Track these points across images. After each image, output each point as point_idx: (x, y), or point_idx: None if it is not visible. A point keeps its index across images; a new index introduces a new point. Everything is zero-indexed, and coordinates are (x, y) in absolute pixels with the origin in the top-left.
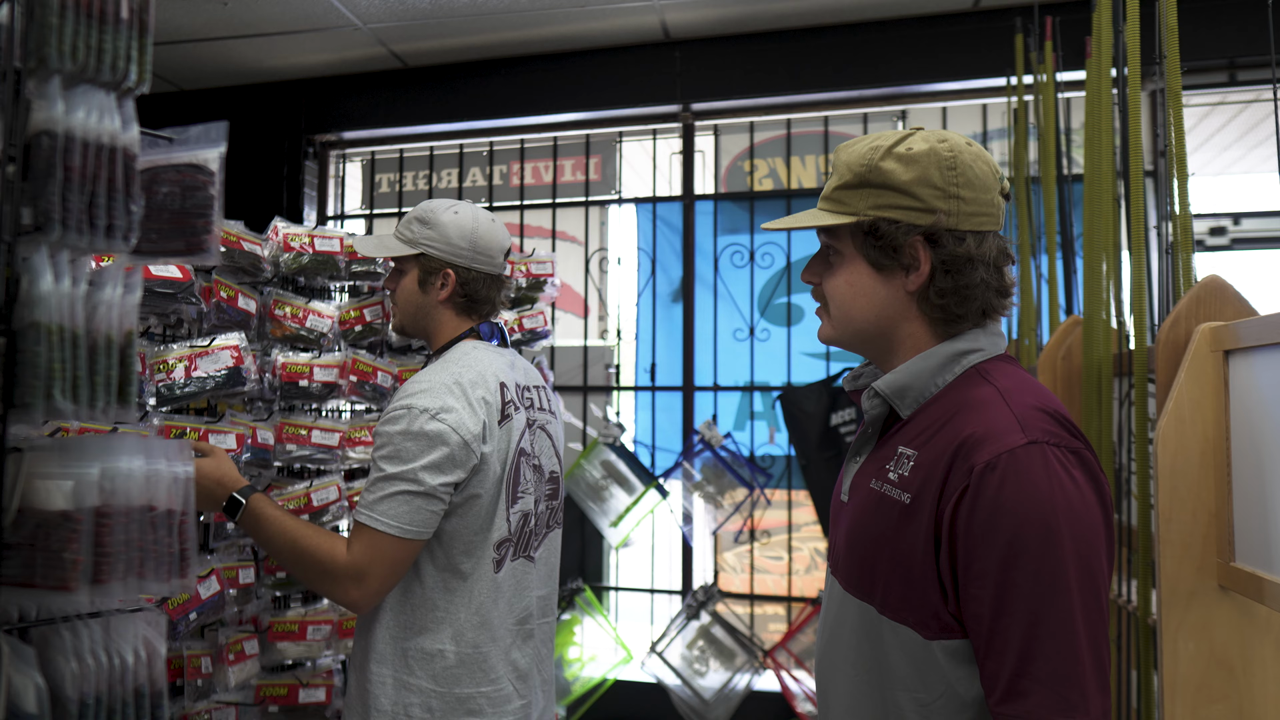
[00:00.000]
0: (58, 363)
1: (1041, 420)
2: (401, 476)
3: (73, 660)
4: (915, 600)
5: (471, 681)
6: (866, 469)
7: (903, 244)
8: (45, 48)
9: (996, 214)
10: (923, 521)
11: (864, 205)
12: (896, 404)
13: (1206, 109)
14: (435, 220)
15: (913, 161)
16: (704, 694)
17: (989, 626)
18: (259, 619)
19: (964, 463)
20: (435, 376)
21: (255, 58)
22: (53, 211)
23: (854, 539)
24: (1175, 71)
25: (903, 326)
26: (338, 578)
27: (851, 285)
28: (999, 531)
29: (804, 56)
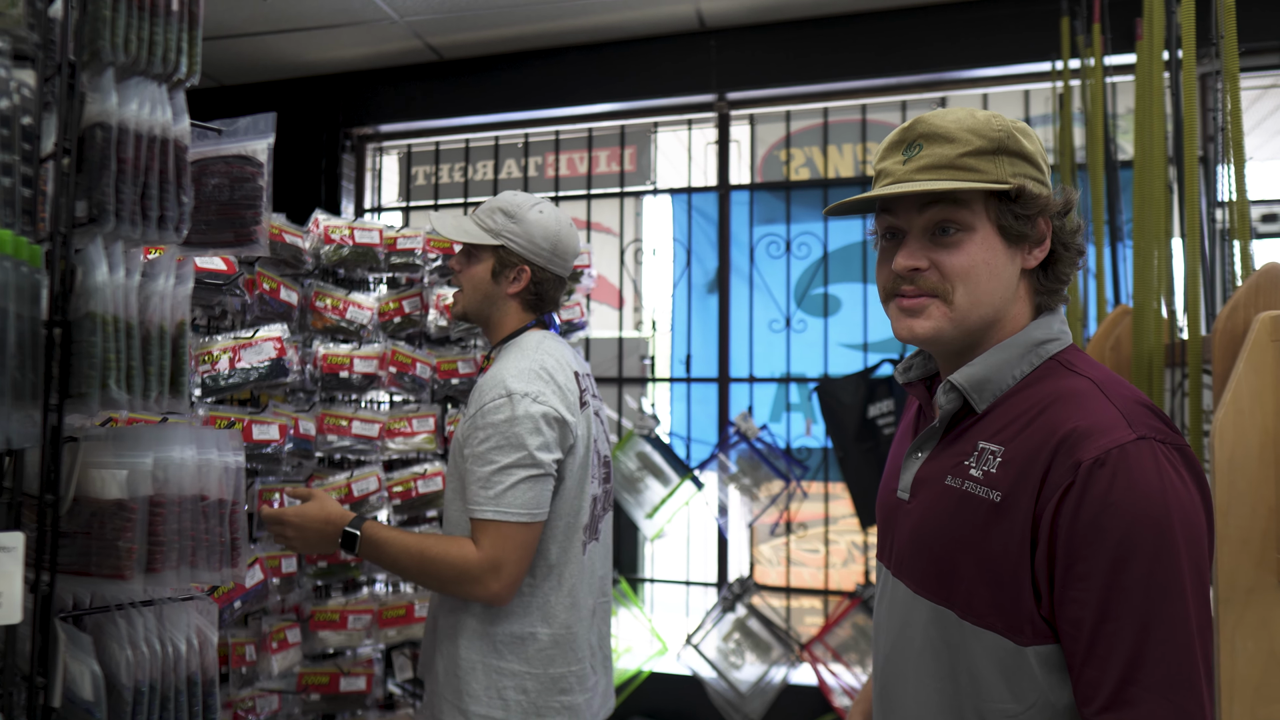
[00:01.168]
0: (113, 353)
1: (1145, 415)
2: (519, 464)
3: (128, 648)
4: (1005, 604)
5: (564, 661)
6: (935, 465)
7: (1037, 216)
8: (98, 40)
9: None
10: (1017, 520)
11: (1005, 172)
12: (974, 398)
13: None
14: (521, 216)
15: (1029, 136)
16: (740, 687)
17: (1091, 631)
18: (301, 608)
19: (1068, 458)
20: (520, 364)
21: (294, 52)
22: (107, 203)
23: (926, 539)
24: (1233, 53)
25: (1013, 308)
26: (476, 577)
27: (989, 263)
28: (1109, 531)
29: (841, 44)
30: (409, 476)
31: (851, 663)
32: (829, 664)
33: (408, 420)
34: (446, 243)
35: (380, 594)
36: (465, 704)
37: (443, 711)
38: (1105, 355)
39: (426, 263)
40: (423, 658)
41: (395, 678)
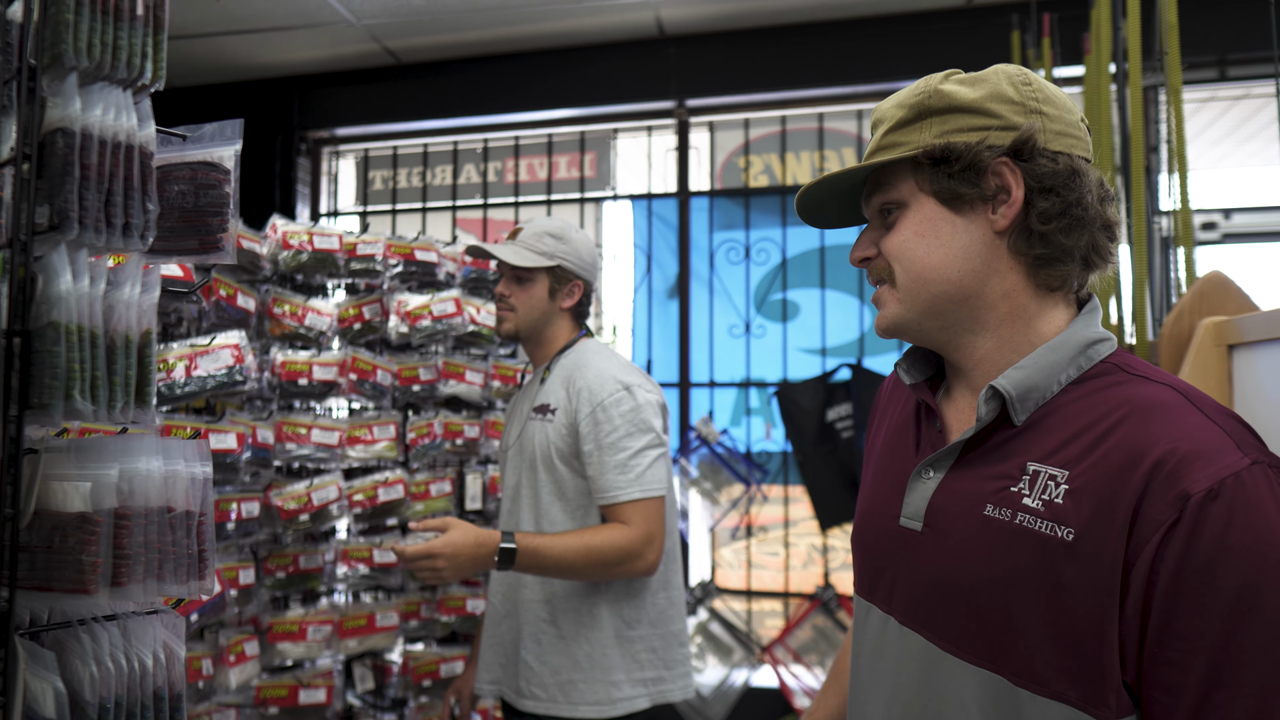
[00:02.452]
0: (76, 363)
1: (1247, 434)
2: (650, 445)
3: (92, 664)
4: (1083, 669)
5: (678, 619)
6: (962, 490)
7: (985, 166)
8: (60, 44)
9: (1085, 140)
10: (1102, 564)
11: (928, 136)
12: (1015, 408)
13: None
14: (568, 237)
15: (980, 80)
16: (702, 690)
17: (1196, 701)
18: (259, 619)
19: (1170, 488)
20: (614, 362)
21: (248, 54)
22: (70, 210)
23: (961, 585)
24: (1176, 68)
25: (992, 282)
26: (638, 553)
27: (925, 235)
28: (1226, 579)
29: (798, 53)
30: (370, 484)
31: (812, 664)
32: (790, 665)
33: (368, 428)
34: (408, 248)
35: (340, 604)
36: (613, 677)
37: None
38: None
39: (386, 269)
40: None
41: (356, 689)
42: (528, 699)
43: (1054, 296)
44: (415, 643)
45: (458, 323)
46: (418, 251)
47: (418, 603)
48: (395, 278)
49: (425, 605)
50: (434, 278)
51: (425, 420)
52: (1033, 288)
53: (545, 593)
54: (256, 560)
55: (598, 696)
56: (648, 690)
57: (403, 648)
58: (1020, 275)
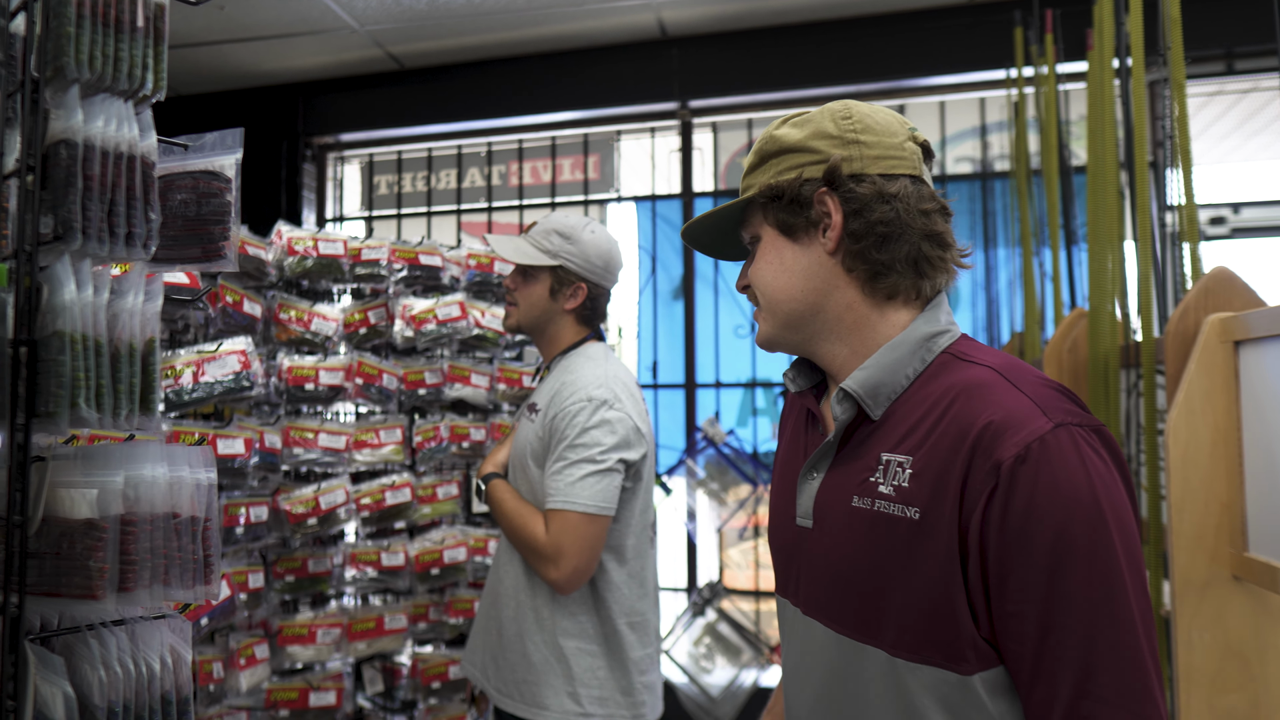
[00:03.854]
0: (82, 371)
1: (1058, 399)
2: (591, 461)
3: (100, 668)
4: (942, 633)
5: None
6: (836, 485)
7: (809, 198)
8: (62, 57)
9: (910, 159)
10: (942, 536)
11: (767, 178)
12: (868, 405)
13: (1204, 99)
14: (576, 237)
15: (806, 121)
16: (710, 691)
17: (1036, 647)
18: (269, 623)
19: (986, 459)
20: (596, 372)
21: (252, 61)
22: (74, 220)
23: (842, 573)
24: (1179, 63)
25: (834, 297)
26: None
27: (772, 262)
28: (1040, 535)
29: (801, 52)
30: (377, 488)
31: None
32: None
33: (375, 432)
34: (412, 253)
35: (349, 607)
36: (567, 688)
37: (545, 696)
38: (1063, 357)
39: (391, 273)
40: (498, 649)
41: (365, 691)
42: (493, 690)
43: (895, 303)
44: (424, 645)
45: (463, 326)
46: (422, 256)
47: (426, 605)
48: (400, 282)
49: (434, 608)
50: (439, 282)
51: (431, 424)
52: (871, 299)
53: (513, 584)
54: (265, 564)
55: (549, 704)
56: (605, 711)
57: (412, 650)
58: (857, 289)
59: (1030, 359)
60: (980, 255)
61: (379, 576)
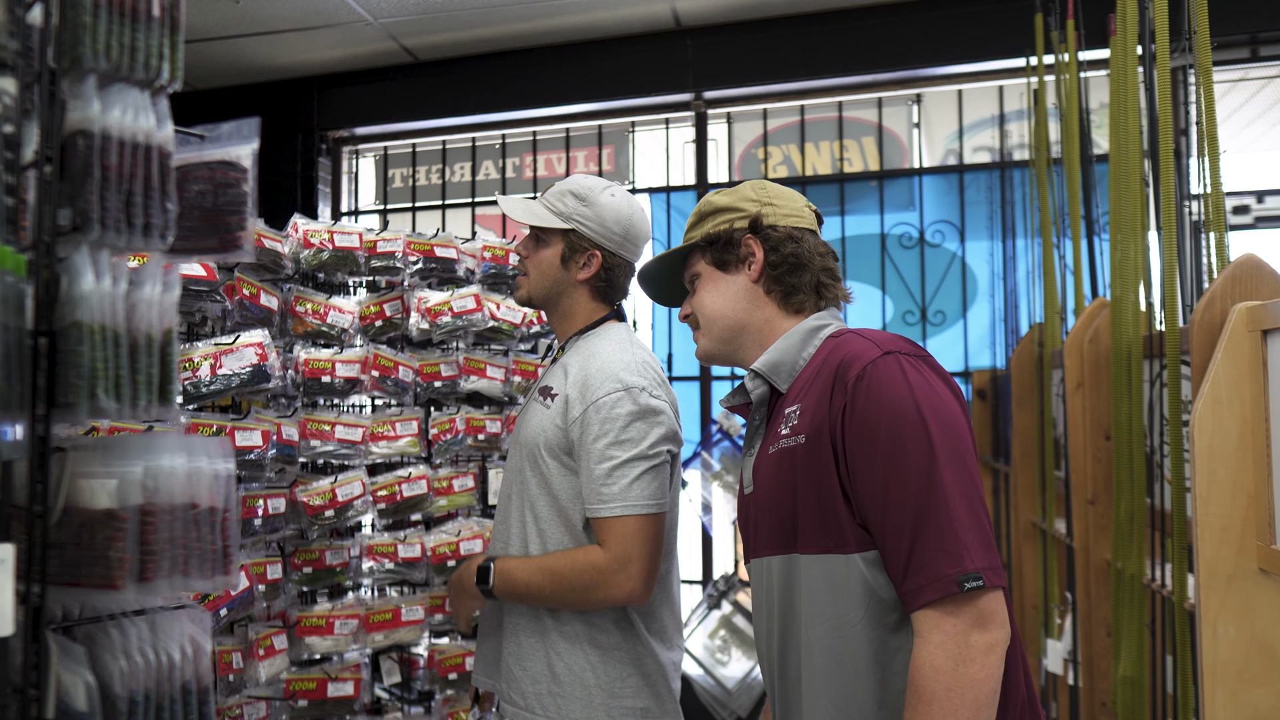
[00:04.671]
0: (100, 362)
1: (893, 340)
2: (643, 456)
3: (121, 658)
4: (831, 524)
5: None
6: (762, 449)
7: (738, 240)
8: (79, 47)
9: (808, 218)
10: (823, 447)
11: (705, 229)
12: (773, 379)
13: (1227, 86)
14: (593, 199)
15: (733, 191)
16: (727, 683)
17: (880, 513)
18: (287, 614)
19: (841, 383)
20: (625, 356)
21: (268, 55)
22: (91, 211)
23: (765, 506)
24: (1205, 47)
25: (756, 313)
26: (609, 579)
27: (710, 291)
28: (874, 429)
29: (816, 42)
30: (393, 480)
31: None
32: None
33: (391, 424)
34: (427, 245)
35: (366, 599)
36: (594, 699)
37: (573, 709)
38: (1084, 348)
39: (407, 265)
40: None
41: (383, 682)
42: (508, 704)
43: (801, 317)
44: (441, 637)
45: (478, 318)
46: (437, 248)
47: (442, 597)
48: (415, 274)
49: None
50: (454, 274)
51: (447, 416)
52: (784, 313)
53: None
54: (283, 556)
55: (577, 717)
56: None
57: (428, 641)
58: (775, 306)
59: (1050, 350)
60: (998, 245)
61: (396, 568)
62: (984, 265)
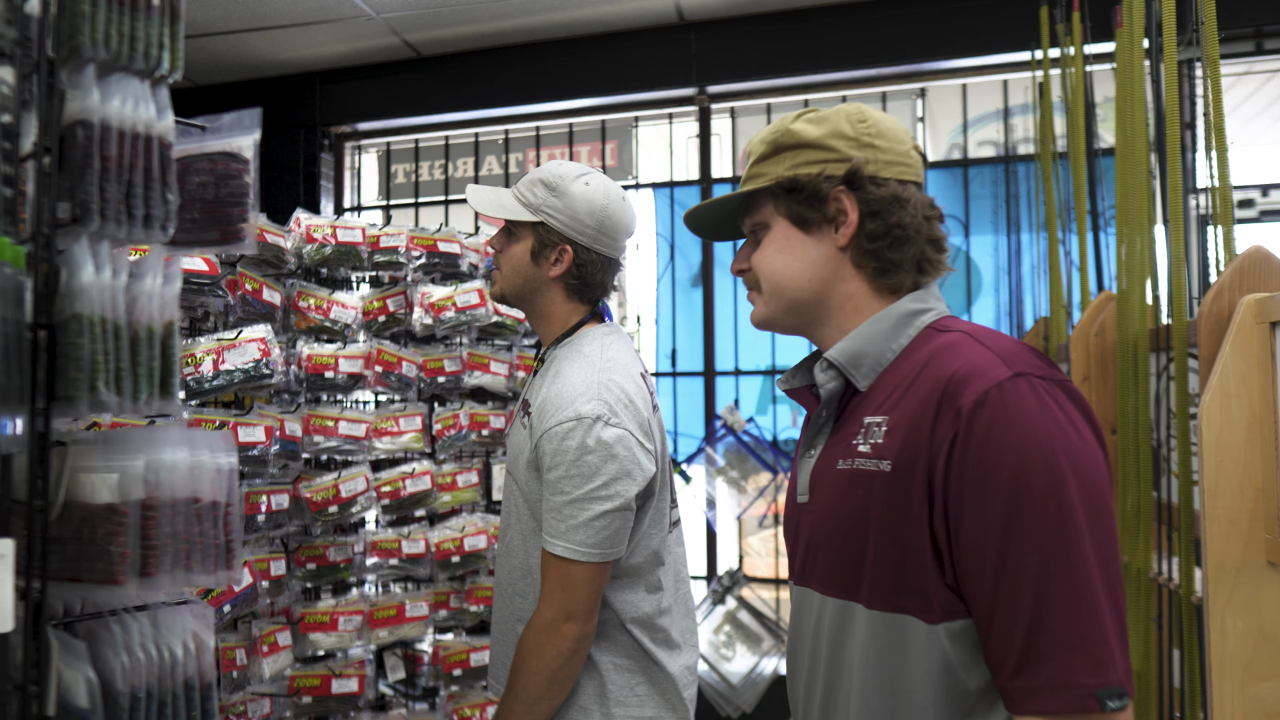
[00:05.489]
0: (101, 355)
1: (1023, 353)
2: (591, 496)
3: (123, 654)
4: (912, 581)
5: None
6: (827, 456)
7: (826, 194)
8: (78, 36)
9: (915, 166)
10: (912, 484)
11: (782, 169)
12: (852, 374)
13: (1232, 80)
14: (563, 189)
15: (823, 120)
16: (731, 679)
17: (992, 588)
18: (291, 610)
19: (950, 406)
20: (587, 377)
21: (269, 50)
22: (91, 202)
23: (826, 533)
24: (1213, 38)
25: (839, 288)
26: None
27: (781, 250)
28: (994, 475)
29: (820, 36)
30: (397, 476)
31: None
32: None
33: (394, 419)
34: (430, 240)
35: (370, 595)
36: (609, 708)
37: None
38: (1090, 341)
39: (410, 261)
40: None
41: (387, 678)
42: None
43: (894, 296)
44: (445, 632)
45: (481, 314)
46: (440, 243)
47: (447, 593)
48: (419, 270)
49: (454, 595)
50: (457, 269)
51: (451, 411)
52: (873, 291)
53: (514, 585)
54: (287, 552)
55: None
56: None
57: (433, 637)
58: (862, 282)
59: (1056, 344)
60: (1003, 239)
61: (400, 564)
62: (989, 260)
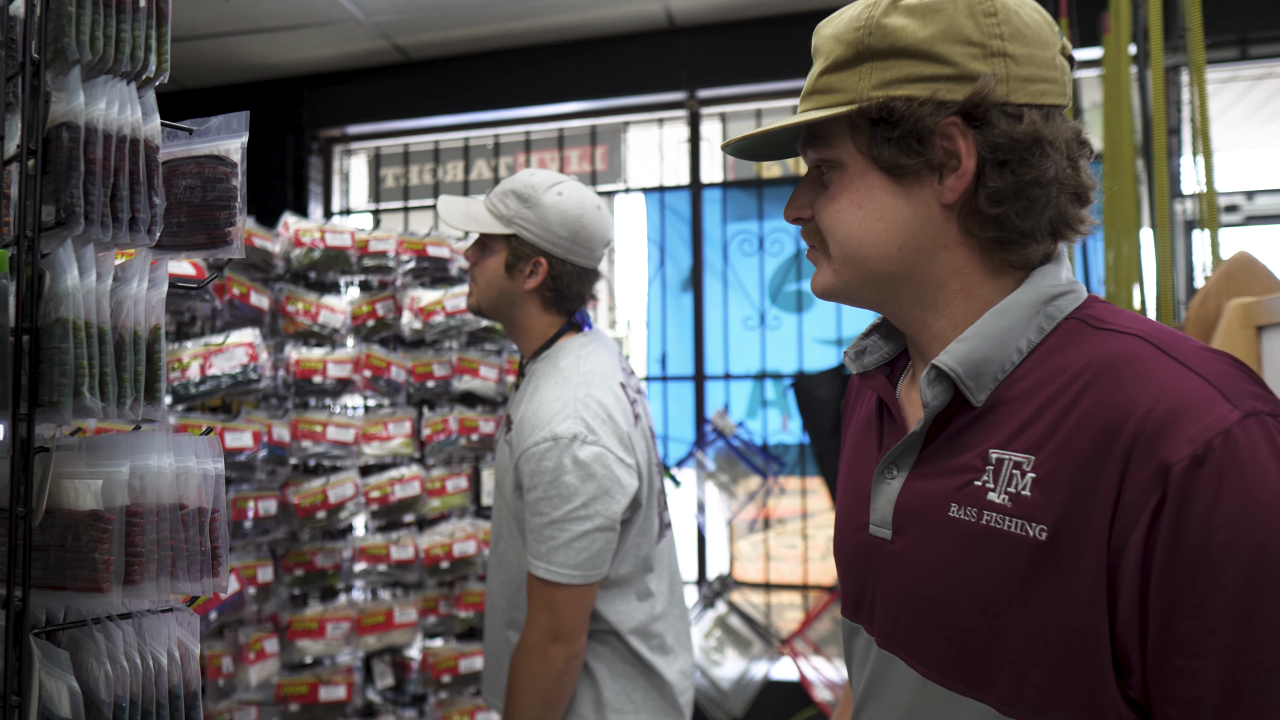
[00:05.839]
0: (85, 360)
1: (1238, 378)
2: (574, 517)
3: (106, 663)
4: (1074, 688)
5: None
6: (925, 488)
7: (931, 131)
8: (63, 38)
9: (1062, 82)
10: (1085, 564)
11: (866, 85)
12: (969, 388)
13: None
14: (535, 199)
15: (932, 11)
16: (721, 684)
17: (1217, 713)
18: (278, 617)
19: (1147, 461)
20: (564, 393)
21: (258, 53)
22: (76, 206)
23: (936, 601)
24: (1199, 45)
25: (939, 260)
26: (542, 654)
27: (859, 205)
28: (1228, 563)
29: (810, 41)
30: (386, 481)
31: (832, 656)
32: (810, 658)
33: (383, 424)
34: (420, 244)
35: (359, 601)
36: (605, 714)
37: None
38: None
39: (399, 265)
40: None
41: (375, 685)
42: None
43: (1019, 274)
44: (434, 639)
45: (471, 318)
46: (430, 247)
47: (436, 599)
48: (408, 274)
49: (444, 601)
50: (447, 273)
51: (440, 416)
52: (988, 266)
53: (508, 597)
54: (275, 558)
55: None
56: None
57: (422, 644)
58: (973, 253)
59: None
60: None
61: (388, 570)
62: None
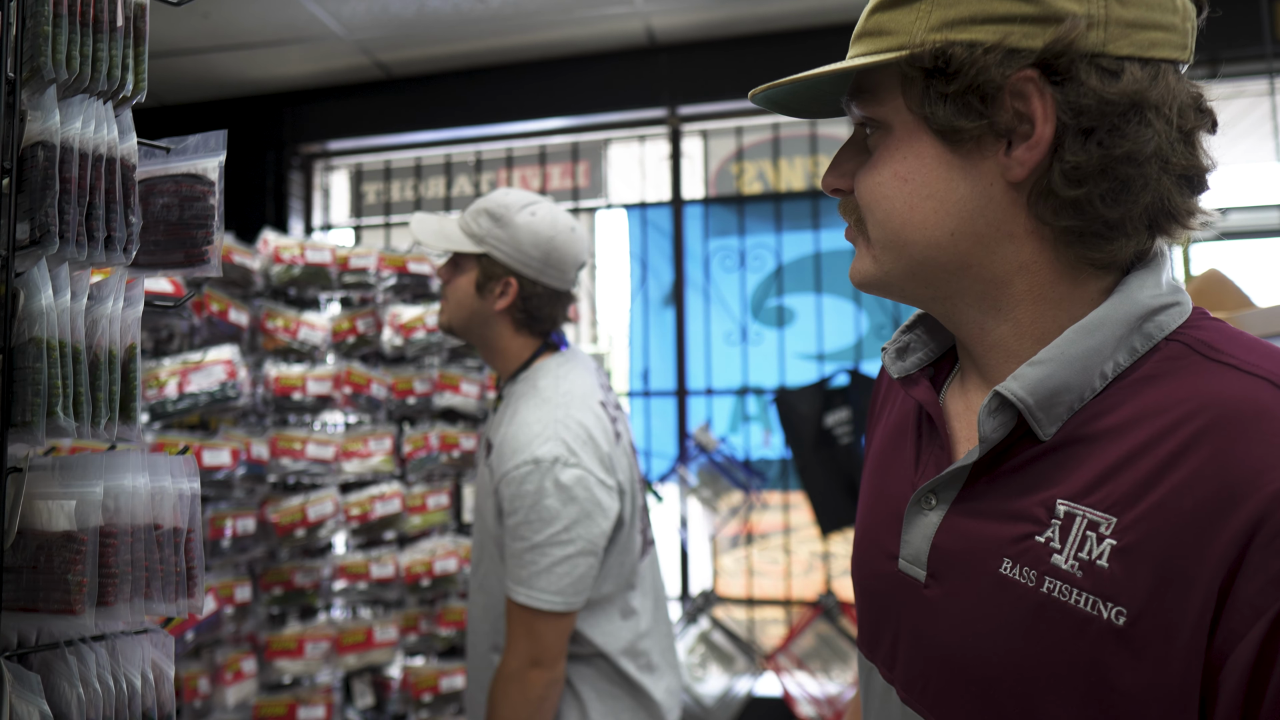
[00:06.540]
0: (59, 379)
1: None
2: (555, 541)
3: (79, 686)
4: None
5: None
6: (969, 530)
7: (999, 86)
8: (39, 57)
9: (1183, 29)
10: (1172, 661)
11: (923, 26)
12: (1037, 419)
13: None
14: (508, 219)
15: None
16: (704, 700)
17: None
18: (256, 637)
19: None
20: (541, 414)
21: (238, 69)
22: (51, 224)
23: (970, 663)
24: None
25: (1004, 251)
26: (522, 680)
27: (905, 178)
28: None
29: (790, 58)
30: (366, 498)
31: (815, 671)
32: (793, 673)
33: (364, 441)
34: (401, 260)
35: (339, 620)
36: None
37: None
38: None
39: (380, 281)
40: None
41: (355, 705)
42: None
43: (1103, 277)
44: (415, 657)
45: None
46: (411, 263)
47: (417, 617)
48: (389, 290)
49: (424, 619)
50: (428, 289)
51: (421, 433)
52: (1063, 265)
53: (491, 621)
54: (253, 577)
55: None
56: None
57: (402, 663)
58: (1044, 243)
59: None
60: None
61: (368, 588)
62: None
